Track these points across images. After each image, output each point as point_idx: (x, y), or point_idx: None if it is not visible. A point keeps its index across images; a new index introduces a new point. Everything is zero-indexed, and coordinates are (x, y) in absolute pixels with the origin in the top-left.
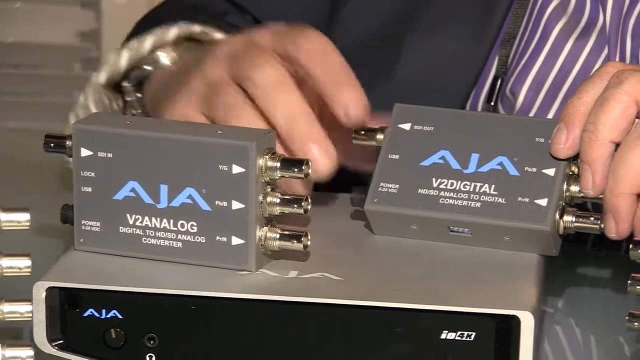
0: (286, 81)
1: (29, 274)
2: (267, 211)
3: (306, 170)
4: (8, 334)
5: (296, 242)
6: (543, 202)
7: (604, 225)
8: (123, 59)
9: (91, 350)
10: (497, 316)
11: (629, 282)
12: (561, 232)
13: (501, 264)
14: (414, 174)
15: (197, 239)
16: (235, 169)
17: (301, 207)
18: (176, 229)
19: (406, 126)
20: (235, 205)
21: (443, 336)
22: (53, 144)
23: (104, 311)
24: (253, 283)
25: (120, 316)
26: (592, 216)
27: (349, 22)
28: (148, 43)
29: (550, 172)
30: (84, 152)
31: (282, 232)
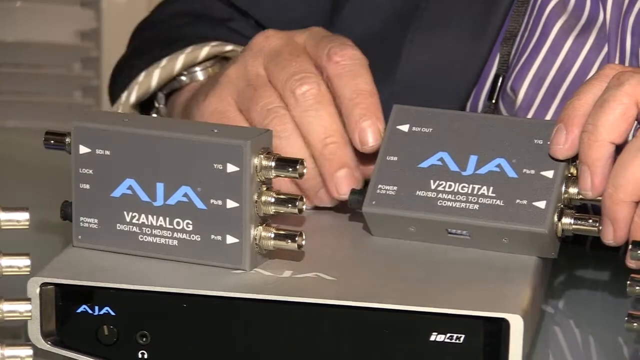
0: (324, 100)
1: (28, 273)
2: (262, 210)
3: (300, 170)
4: (8, 333)
5: (291, 242)
6: (541, 204)
7: (602, 231)
8: (154, 78)
9: (84, 347)
10: (486, 319)
11: (627, 282)
12: (559, 234)
13: (497, 266)
14: (412, 176)
15: (193, 237)
16: (230, 167)
17: (295, 206)
18: (172, 227)
19: (404, 127)
20: (230, 204)
21: (432, 338)
22: (53, 140)
23: (97, 308)
24: (246, 282)
25: (113, 313)
26: (590, 218)
27: (349, 22)
28: (179, 63)
29: (549, 174)
30: (83, 150)
31: (277, 231)
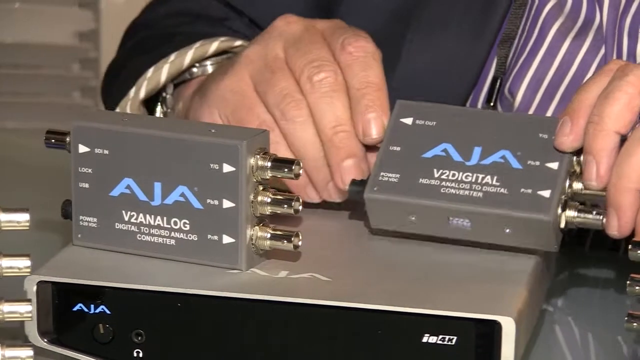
0: (339, 89)
1: (28, 273)
2: (258, 210)
3: (296, 171)
4: (6, 333)
5: (287, 242)
6: (546, 193)
7: (605, 221)
8: (164, 73)
9: (80, 345)
10: (478, 321)
11: (627, 282)
12: (562, 225)
13: (494, 268)
14: (415, 164)
15: (190, 236)
16: (226, 167)
17: (291, 207)
18: (169, 226)
19: (408, 120)
20: (226, 204)
21: (425, 339)
22: (54, 139)
23: (92, 306)
24: (240, 282)
25: (108, 312)
26: (594, 211)
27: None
28: (189, 57)
29: (554, 165)
30: (82, 149)
31: (273, 231)
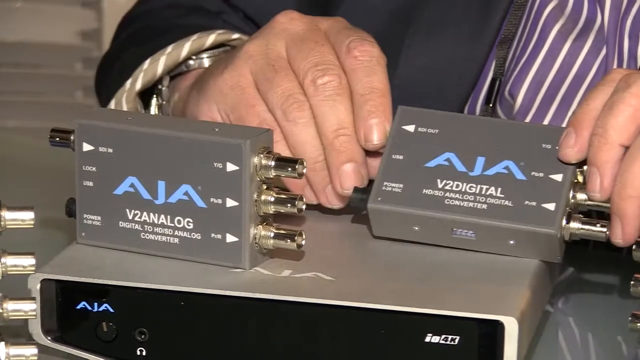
0: (343, 93)
1: (33, 272)
2: (261, 209)
3: (300, 170)
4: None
5: (290, 241)
6: (551, 206)
7: (610, 230)
8: (160, 64)
9: (84, 343)
10: (481, 321)
11: (631, 282)
12: (567, 238)
13: (497, 268)
14: (419, 174)
15: (193, 235)
16: (230, 166)
17: (295, 206)
18: (173, 225)
19: (410, 128)
20: (230, 203)
21: (427, 339)
22: (58, 138)
23: (96, 304)
24: (244, 281)
25: (111, 310)
26: (598, 223)
27: None
28: (186, 49)
29: (558, 177)
30: (86, 147)
31: (277, 231)
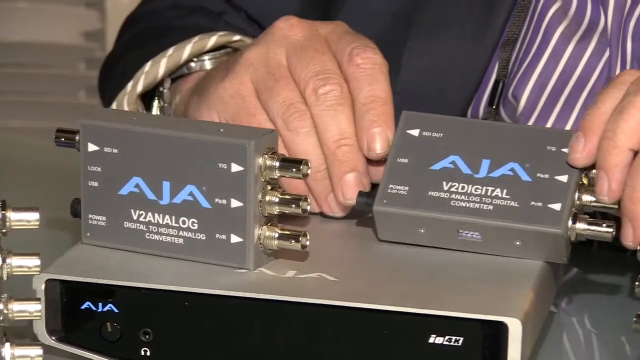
0: (344, 102)
1: (38, 272)
2: (266, 210)
3: (304, 171)
4: (17, 333)
5: (294, 242)
6: (557, 206)
7: (621, 232)
8: (161, 66)
9: (88, 343)
10: (484, 322)
11: (636, 283)
12: (573, 238)
13: (501, 269)
14: (424, 177)
15: (198, 236)
16: (234, 167)
17: (299, 207)
18: (178, 225)
19: (415, 132)
20: (234, 203)
21: (431, 340)
22: (64, 138)
23: (100, 305)
24: (248, 281)
25: (116, 310)
26: (604, 223)
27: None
28: (187, 52)
29: (563, 178)
30: (91, 147)
31: (281, 231)
